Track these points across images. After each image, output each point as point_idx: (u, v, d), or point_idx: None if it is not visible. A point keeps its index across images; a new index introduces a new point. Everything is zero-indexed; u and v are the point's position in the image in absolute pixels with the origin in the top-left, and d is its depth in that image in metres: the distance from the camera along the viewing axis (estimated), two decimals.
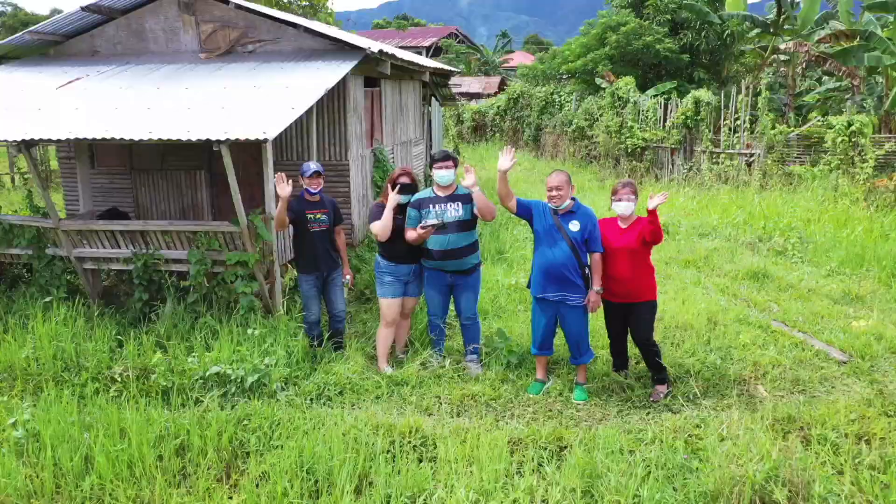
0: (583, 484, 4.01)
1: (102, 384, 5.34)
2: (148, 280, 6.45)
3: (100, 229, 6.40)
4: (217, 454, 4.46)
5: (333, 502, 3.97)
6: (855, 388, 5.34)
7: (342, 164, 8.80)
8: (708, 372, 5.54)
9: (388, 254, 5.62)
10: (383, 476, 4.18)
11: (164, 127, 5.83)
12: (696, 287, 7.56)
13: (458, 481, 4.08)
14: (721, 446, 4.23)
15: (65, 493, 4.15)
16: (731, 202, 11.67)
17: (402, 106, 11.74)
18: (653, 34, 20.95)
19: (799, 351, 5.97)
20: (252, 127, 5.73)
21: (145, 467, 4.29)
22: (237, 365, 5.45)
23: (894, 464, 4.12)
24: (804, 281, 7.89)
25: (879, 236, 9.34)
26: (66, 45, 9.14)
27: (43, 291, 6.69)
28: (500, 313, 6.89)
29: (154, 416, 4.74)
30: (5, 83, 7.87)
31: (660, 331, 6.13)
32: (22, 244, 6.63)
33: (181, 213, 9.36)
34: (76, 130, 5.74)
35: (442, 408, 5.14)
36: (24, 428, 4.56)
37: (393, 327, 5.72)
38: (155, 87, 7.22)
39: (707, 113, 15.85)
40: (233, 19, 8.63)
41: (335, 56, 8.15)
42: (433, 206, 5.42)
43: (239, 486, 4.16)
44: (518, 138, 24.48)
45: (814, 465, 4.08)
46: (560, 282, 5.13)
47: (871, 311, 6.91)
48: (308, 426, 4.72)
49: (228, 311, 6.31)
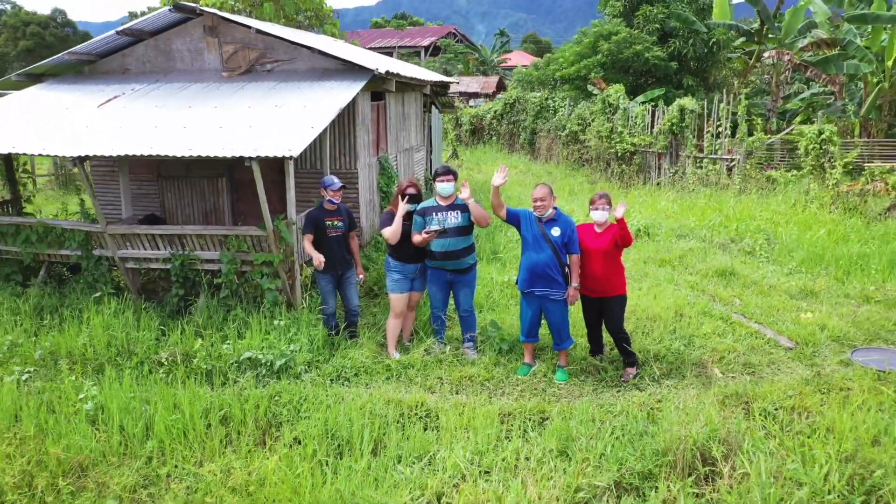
0: (559, 445, 4.84)
1: (151, 367, 6.17)
2: (184, 277, 7.27)
3: (142, 233, 7.22)
4: (255, 423, 5.29)
5: (354, 461, 4.78)
6: (797, 371, 6.18)
7: (351, 172, 9.61)
8: (672, 357, 6.37)
9: (396, 255, 6.45)
10: (395, 440, 5.01)
11: (201, 144, 6.64)
12: (669, 284, 8.40)
13: (457, 444, 4.90)
14: (675, 415, 5.07)
15: (130, 453, 4.97)
16: (707, 206, 12.50)
17: (405, 116, 12.56)
18: (642, 42, 21.76)
19: (753, 339, 6.81)
20: (278, 145, 6.54)
21: (196, 433, 5.11)
22: (266, 351, 6.28)
23: (820, 430, 4.95)
24: (767, 278, 8.74)
25: (840, 238, 10.18)
26: (100, 63, 9.94)
27: (90, 288, 7.51)
28: (493, 307, 7.73)
29: (200, 393, 5.57)
30: (50, 101, 8.67)
31: (632, 321, 6.97)
32: (72, 246, 7.44)
33: (204, 216, 10.17)
34: (126, 148, 6.56)
35: (443, 386, 5.97)
36: (92, 402, 5.38)
37: (401, 318, 6.56)
38: (187, 105, 8.02)
39: (691, 120, 16.67)
40: (252, 41, 9.43)
41: (345, 75, 8.97)
42: (436, 213, 6.25)
43: (274, 449, 4.98)
44: (514, 142, 25.29)
45: (750, 429, 4.91)
46: (544, 279, 5.96)
47: (821, 305, 7.75)
48: (330, 401, 5.54)
49: (255, 304, 7.14)
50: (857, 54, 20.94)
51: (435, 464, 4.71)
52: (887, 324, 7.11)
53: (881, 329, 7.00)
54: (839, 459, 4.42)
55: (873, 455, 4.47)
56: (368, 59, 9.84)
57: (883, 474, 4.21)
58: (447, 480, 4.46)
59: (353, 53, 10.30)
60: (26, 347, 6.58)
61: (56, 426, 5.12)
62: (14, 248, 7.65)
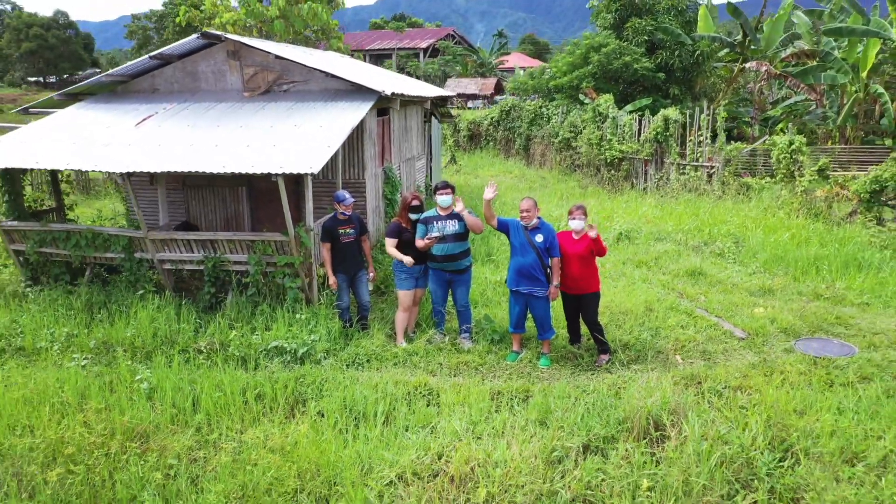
0: (539, 416, 5.78)
1: (192, 354, 7.11)
2: (215, 277, 8.21)
3: (179, 238, 8.16)
4: (284, 400, 6.22)
5: (369, 430, 5.72)
6: (747, 357, 7.12)
7: (360, 182, 10.55)
8: (640, 345, 7.32)
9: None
10: (403, 413, 5.95)
11: (233, 162, 7.58)
12: (643, 283, 9.35)
13: (454, 416, 5.84)
14: (636, 392, 6.01)
15: (182, 423, 5.91)
16: (684, 211, 13.45)
17: (407, 128, 13.50)
18: (631, 54, 22.72)
19: (712, 331, 7.76)
20: (300, 162, 7.48)
21: (237, 407, 6.05)
22: (290, 340, 7.22)
23: (757, 404, 5.89)
24: (731, 278, 9.69)
25: (802, 241, 11.13)
26: (131, 83, 10.87)
27: (131, 286, 8.44)
28: (486, 303, 8.67)
29: (237, 375, 6.51)
30: (90, 120, 9.60)
31: (606, 315, 7.91)
32: (117, 249, 8.38)
33: (225, 222, 11.11)
34: (169, 165, 7.49)
35: (443, 370, 6.91)
36: (147, 382, 6.33)
37: (408, 312, 7.50)
38: (215, 124, 8.96)
39: (675, 129, 17.62)
40: (271, 64, 10.36)
41: (355, 96, 9.90)
42: (436, 222, 7.19)
43: (302, 421, 5.91)
44: (510, 147, 26.22)
45: (697, 403, 5.86)
46: (529, 279, 6.91)
47: (776, 301, 8.71)
48: (347, 382, 6.48)
49: (278, 301, 8.08)
50: (834, 65, 21.90)
51: (436, 431, 5.64)
52: (830, 317, 8.06)
53: (824, 322, 7.95)
54: (767, 426, 5.37)
55: (795, 422, 5.42)
56: (375, 81, 10.77)
57: (797, 436, 5.16)
58: (446, 444, 5.39)
59: (362, 75, 11.22)
60: (82, 338, 7.52)
61: (118, 402, 6.07)
62: (64, 251, 8.57)
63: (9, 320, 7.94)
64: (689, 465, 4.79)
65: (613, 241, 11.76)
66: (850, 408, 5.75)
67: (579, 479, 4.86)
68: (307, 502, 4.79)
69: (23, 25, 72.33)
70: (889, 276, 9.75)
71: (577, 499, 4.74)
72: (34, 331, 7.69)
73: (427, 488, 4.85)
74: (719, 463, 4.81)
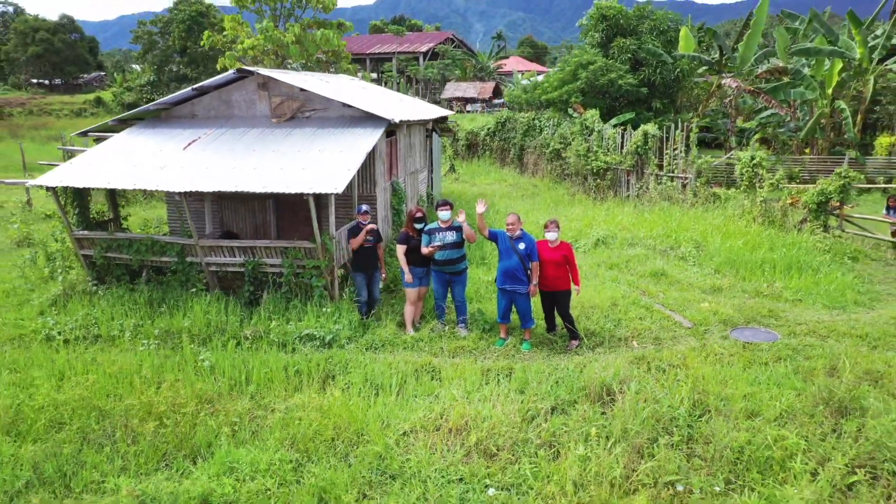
0: (519, 387, 7.28)
1: (240, 340, 8.62)
2: (254, 277, 9.72)
3: (224, 245, 9.67)
4: (318, 375, 7.73)
5: (386, 397, 7.21)
6: (690, 342, 8.63)
7: (372, 195, 12.06)
8: (604, 333, 8.83)
9: (411, 261, 8.91)
10: (412, 385, 7.45)
11: (272, 182, 9.09)
12: (612, 282, 10.87)
13: (452, 387, 7.35)
14: (596, 368, 7.52)
15: (238, 392, 7.41)
16: (656, 219, 14.96)
17: (411, 146, 15.01)
18: (616, 71, 24.24)
19: (664, 321, 9.27)
20: (326, 183, 8.98)
21: (280, 381, 7.56)
22: (319, 329, 8.73)
23: (690, 377, 7.38)
24: (689, 278, 11.20)
25: (754, 246, 12.64)
26: (173, 109, 12.37)
27: (182, 285, 9.94)
28: (479, 299, 10.18)
29: (279, 356, 8.02)
30: (143, 144, 11.08)
31: (578, 309, 9.42)
32: (171, 254, 9.88)
33: (254, 229, 12.61)
34: (220, 185, 9.01)
35: (444, 353, 8.42)
36: (208, 361, 7.83)
37: (414, 306, 9.02)
38: (251, 149, 10.46)
39: (653, 143, 19.14)
40: (295, 94, 11.87)
41: (368, 122, 11.41)
42: (437, 233, 8.70)
43: (333, 392, 7.40)
44: (505, 157, 27.72)
45: (642, 376, 7.36)
46: (513, 279, 8.41)
47: (722, 298, 10.22)
48: (367, 362, 7.99)
49: (307, 297, 9.58)
50: (803, 82, 23.46)
51: (439, 398, 7.14)
52: (763, 311, 9.58)
53: (758, 315, 9.47)
54: (693, 392, 6.88)
55: (715, 390, 6.93)
56: (385, 108, 12.28)
57: (714, 399, 6.67)
58: (446, 406, 6.89)
59: (373, 102, 12.72)
60: (147, 327, 9.02)
61: (188, 376, 7.57)
62: (126, 256, 10.07)
63: (84, 314, 9.44)
64: (627, 419, 6.30)
65: (592, 246, 13.28)
66: (762, 380, 7.27)
67: (547, 430, 6.37)
68: (342, 446, 6.29)
69: (29, 30, 73.59)
70: (824, 276, 11.27)
71: (544, 444, 6.24)
72: (106, 322, 9.20)
73: (431, 437, 6.35)
74: (650, 416, 6.31)
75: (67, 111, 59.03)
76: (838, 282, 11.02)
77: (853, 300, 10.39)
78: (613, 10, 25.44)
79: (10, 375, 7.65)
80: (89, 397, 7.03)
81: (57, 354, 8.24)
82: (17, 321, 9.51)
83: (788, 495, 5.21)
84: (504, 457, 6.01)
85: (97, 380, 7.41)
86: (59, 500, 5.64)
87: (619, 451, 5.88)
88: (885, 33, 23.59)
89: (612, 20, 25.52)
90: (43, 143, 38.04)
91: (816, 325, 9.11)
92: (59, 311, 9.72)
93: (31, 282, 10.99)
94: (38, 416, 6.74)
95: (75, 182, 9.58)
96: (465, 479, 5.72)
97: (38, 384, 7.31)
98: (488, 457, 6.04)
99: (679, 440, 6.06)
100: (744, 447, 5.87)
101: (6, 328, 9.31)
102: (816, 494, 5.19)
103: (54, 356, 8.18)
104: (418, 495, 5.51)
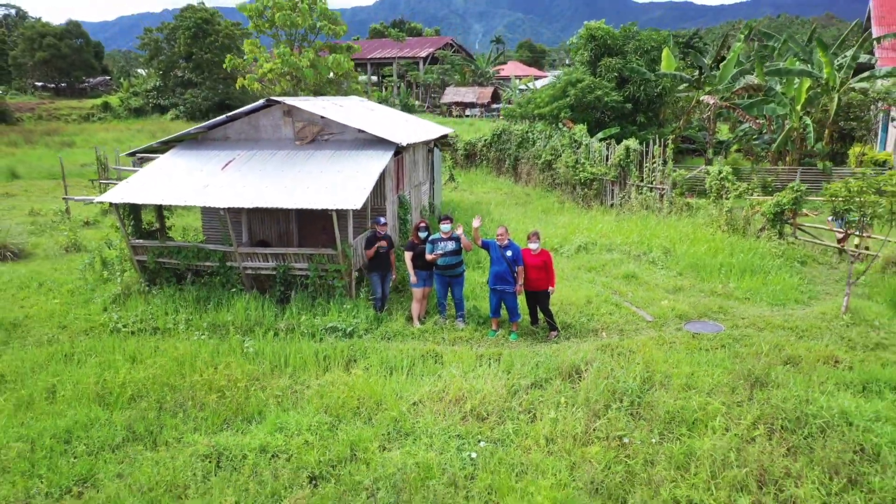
0: (506, 368, 8.86)
1: (276, 331, 10.21)
2: (284, 279, 11.31)
3: (259, 252, 11.26)
4: (342, 360, 9.32)
5: (398, 376, 8.80)
6: (650, 333, 10.22)
7: (382, 207, 13.65)
8: (578, 326, 10.43)
9: (417, 265, 10.51)
10: (419, 367, 9.04)
11: (301, 199, 10.68)
12: (589, 283, 12.46)
13: (452, 368, 8.93)
14: (569, 352, 9.11)
15: (278, 373, 9.00)
16: (632, 227, 16.56)
17: (415, 161, 16.62)
18: (603, 88, 25.85)
19: (630, 316, 10.87)
20: (346, 200, 10.57)
21: (312, 363, 9.15)
22: (341, 322, 10.32)
23: (645, 360, 8.95)
24: (656, 280, 12.80)
25: (716, 251, 14.24)
26: (209, 133, 13.97)
27: (223, 286, 11.53)
28: (475, 297, 11.76)
29: (310, 344, 9.61)
30: (185, 164, 12.67)
31: (557, 305, 11.01)
32: (214, 259, 11.48)
33: (278, 237, 14.20)
34: (258, 201, 10.61)
35: (445, 342, 10.01)
36: (252, 348, 9.43)
37: (420, 303, 10.62)
38: (280, 170, 12.05)
39: (635, 156, 20.75)
40: (316, 120, 13.46)
41: (379, 145, 12.99)
42: (439, 242, 10.30)
43: (356, 373, 8.99)
44: (501, 166, 29.29)
45: (607, 359, 8.95)
46: (503, 280, 10.01)
47: (681, 296, 11.82)
48: (381, 349, 9.58)
49: (329, 295, 11.17)
50: (775, 99, 25.08)
51: (441, 377, 8.73)
52: (715, 307, 11.18)
53: (709, 310, 11.07)
54: (644, 370, 8.45)
55: (662, 369, 8.51)
56: (394, 134, 13.87)
57: (660, 376, 8.27)
58: (448, 383, 8.48)
59: (383, 128, 14.29)
60: (196, 321, 10.61)
61: (237, 360, 9.16)
62: (175, 261, 11.67)
63: (142, 310, 11.03)
64: (589, 390, 7.90)
65: (574, 251, 14.88)
66: (702, 362, 8.87)
67: (527, 400, 7.96)
68: (365, 412, 7.88)
69: (37, 35, 74.86)
70: (773, 278, 12.87)
71: (524, 410, 7.83)
72: (161, 316, 10.80)
73: (435, 405, 7.94)
74: (607, 389, 7.90)
75: (76, 116, 59.89)
76: (784, 283, 12.62)
77: (794, 298, 11.99)
78: (601, 31, 27.06)
79: (94, 359, 9.25)
80: (160, 376, 8.63)
81: (126, 343, 9.84)
82: (86, 316, 11.11)
83: (706, 444, 6.81)
84: (492, 420, 7.60)
85: (165, 363, 9.01)
86: (149, 450, 7.23)
87: (580, 414, 7.48)
88: (851, 55, 25.21)
89: (600, 40, 27.14)
90: (58, 150, 39.25)
91: (757, 319, 10.71)
92: (120, 308, 11.32)
93: (90, 283, 12.58)
94: (122, 390, 8.34)
95: (136, 199, 11.20)
96: (462, 435, 7.30)
97: (118, 366, 8.91)
98: (480, 420, 7.63)
99: (628, 406, 7.65)
100: (678, 411, 7.47)
101: (78, 322, 10.92)
102: (726, 443, 6.78)
103: (124, 344, 9.78)
104: (426, 447, 7.11)
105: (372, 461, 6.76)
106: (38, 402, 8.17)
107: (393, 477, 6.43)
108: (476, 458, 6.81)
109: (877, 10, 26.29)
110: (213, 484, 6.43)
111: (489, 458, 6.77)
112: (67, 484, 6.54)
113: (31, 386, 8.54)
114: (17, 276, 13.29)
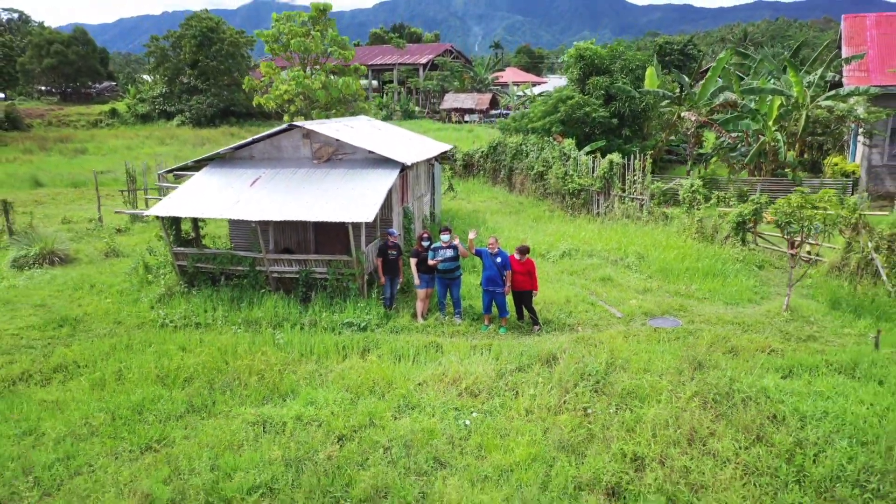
0: (495, 356, 10.49)
1: (302, 326, 11.85)
2: (306, 281, 12.95)
3: (284, 258, 12.91)
4: (358, 350, 10.96)
5: (405, 363, 10.43)
6: (619, 328, 11.86)
7: (389, 218, 15.30)
8: (558, 322, 12.08)
9: (420, 269, 12.17)
10: (423, 356, 10.68)
11: (320, 213, 12.33)
12: (570, 285, 14.12)
13: (451, 356, 10.57)
14: (548, 343, 10.74)
15: (305, 360, 10.64)
16: (612, 235, 18.21)
17: (418, 176, 18.28)
18: (591, 105, 27.54)
19: (603, 313, 12.51)
20: (359, 214, 12.22)
21: (333, 353, 10.79)
22: (356, 318, 11.96)
23: (610, 349, 10.58)
24: (628, 282, 14.45)
25: (684, 257, 15.88)
26: (236, 153, 15.63)
27: (252, 287, 13.16)
28: (470, 297, 13.40)
29: (330, 337, 11.25)
30: (217, 181, 14.31)
31: (540, 304, 12.65)
32: (245, 265, 13.12)
33: (297, 244, 15.85)
34: (285, 214, 12.26)
35: (444, 335, 11.66)
36: (283, 339, 11.07)
37: (423, 302, 12.28)
38: (301, 187, 13.70)
39: (618, 169, 22.42)
40: (331, 142, 15.12)
41: (387, 164, 14.64)
42: (440, 250, 11.97)
43: (370, 359, 10.61)
44: (496, 176, 30.96)
45: (580, 348, 10.59)
46: (493, 283, 11.67)
47: (649, 296, 13.46)
48: (391, 340, 11.22)
49: (345, 295, 12.81)
50: (749, 115, 26.78)
51: (441, 363, 10.36)
52: (676, 306, 12.83)
53: (671, 308, 12.72)
54: (609, 357, 10.10)
55: (624, 354, 10.16)
56: (399, 154, 15.54)
57: (621, 361, 9.91)
58: (447, 368, 10.11)
59: (390, 148, 15.95)
60: (232, 317, 12.25)
61: (270, 349, 10.80)
62: (210, 266, 13.31)
63: (184, 308, 12.67)
64: (563, 373, 9.54)
65: (559, 257, 16.53)
66: (658, 351, 10.51)
67: (512, 381, 9.60)
68: (379, 390, 9.52)
69: (44, 42, 76.26)
70: (731, 280, 14.52)
71: (509, 389, 9.47)
72: (202, 313, 12.43)
73: (436, 385, 9.58)
74: (577, 371, 9.54)
75: (84, 122, 61.23)
76: (741, 285, 14.27)
77: (748, 298, 13.64)
78: (590, 51, 28.77)
79: (150, 348, 10.89)
80: (208, 362, 10.27)
81: (174, 335, 11.48)
82: (137, 313, 12.75)
83: (651, 412, 8.45)
84: (483, 396, 9.25)
85: (210, 351, 10.65)
86: (206, 419, 8.86)
87: (555, 391, 9.13)
88: (820, 74, 26.93)
89: (589, 60, 28.84)
90: (72, 157, 40.28)
91: (711, 315, 12.36)
92: (164, 306, 12.95)
93: (135, 285, 14.23)
94: (177, 373, 9.98)
95: (179, 212, 12.86)
96: (458, 408, 8.94)
97: (171, 354, 10.56)
98: (473, 396, 9.27)
99: (593, 384, 9.29)
100: (633, 388, 9.11)
101: (130, 318, 12.56)
102: (667, 412, 8.42)
103: (173, 336, 11.42)
104: (429, 416, 8.74)
105: (387, 426, 8.40)
106: (110, 382, 9.80)
107: (404, 438, 8.07)
108: (469, 425, 8.45)
109: (846, 31, 27.93)
110: (262, 442, 8.07)
111: (480, 424, 8.41)
112: (147, 443, 8.18)
113: (101, 370, 10.18)
114: (70, 279, 14.94)
